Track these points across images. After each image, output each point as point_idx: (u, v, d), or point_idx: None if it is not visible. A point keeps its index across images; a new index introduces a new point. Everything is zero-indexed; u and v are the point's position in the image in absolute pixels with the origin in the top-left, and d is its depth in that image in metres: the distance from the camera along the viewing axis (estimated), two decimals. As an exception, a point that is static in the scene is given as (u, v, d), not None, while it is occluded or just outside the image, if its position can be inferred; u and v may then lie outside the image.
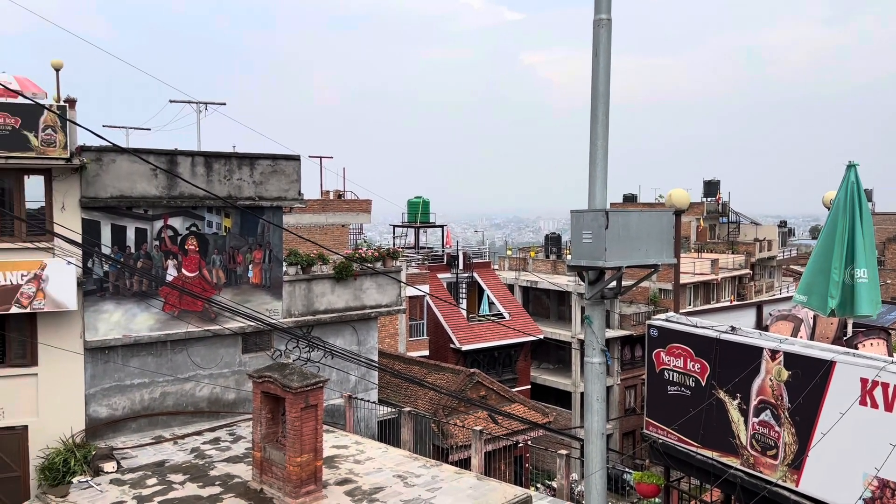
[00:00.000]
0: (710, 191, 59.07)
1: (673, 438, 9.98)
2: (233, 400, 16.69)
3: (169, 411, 15.90)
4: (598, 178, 8.35)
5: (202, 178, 15.84)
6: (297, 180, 17.18)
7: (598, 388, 8.52)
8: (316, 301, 17.76)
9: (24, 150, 13.40)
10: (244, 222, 16.57)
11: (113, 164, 14.87)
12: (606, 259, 7.90)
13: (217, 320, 16.13)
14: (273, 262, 16.98)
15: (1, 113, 13.18)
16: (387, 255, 19.52)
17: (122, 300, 15.14)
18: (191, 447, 14.70)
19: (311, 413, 11.80)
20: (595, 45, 8.28)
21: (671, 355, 9.99)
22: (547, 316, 44.62)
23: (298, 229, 27.97)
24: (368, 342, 18.96)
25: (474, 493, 12.32)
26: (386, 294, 19.06)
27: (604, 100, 8.30)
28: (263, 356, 16.91)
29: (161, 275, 15.52)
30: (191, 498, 12.09)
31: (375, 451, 14.64)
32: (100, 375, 15.07)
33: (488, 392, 23.39)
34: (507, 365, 36.70)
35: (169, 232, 15.65)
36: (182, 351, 15.97)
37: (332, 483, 12.65)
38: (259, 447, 12.39)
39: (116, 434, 15.23)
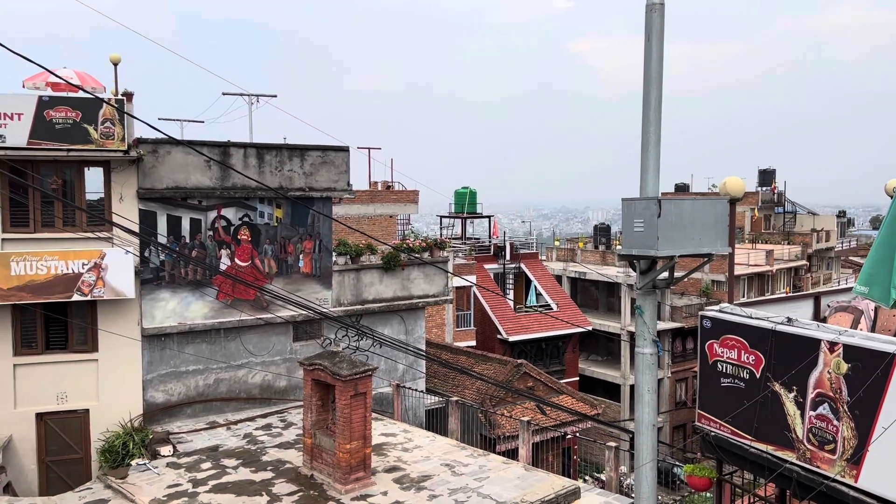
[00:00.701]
0: (765, 180, 57.55)
1: (726, 431, 9.78)
2: (284, 387, 16.99)
3: (222, 397, 16.28)
4: (650, 167, 8.20)
5: (254, 170, 16.11)
6: (346, 171, 17.34)
7: (648, 379, 8.39)
8: (364, 290, 17.93)
9: (84, 143, 13.82)
10: (295, 213, 16.81)
11: (168, 155, 15.23)
12: (658, 248, 7.75)
13: (269, 309, 16.42)
14: (323, 252, 17.20)
15: (63, 107, 13.62)
16: (434, 246, 19.58)
17: (177, 289, 15.54)
18: (244, 433, 15.03)
19: (361, 401, 11.93)
20: (648, 30, 8.12)
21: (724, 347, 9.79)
22: (596, 307, 44.18)
23: (347, 220, 28.24)
24: (416, 332, 19.07)
25: (522, 483, 12.31)
26: (433, 284, 19.13)
27: (656, 86, 8.14)
28: (313, 344, 17.16)
29: (215, 264, 15.87)
30: (243, 482, 12.37)
31: (423, 439, 14.73)
32: (156, 362, 15.51)
33: (536, 383, 23.31)
34: (554, 356, 36.49)
35: (222, 222, 15.98)
36: (235, 338, 16.32)
37: (380, 470, 12.79)
38: (309, 434, 12.60)
39: (172, 419, 15.66)
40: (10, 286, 13.60)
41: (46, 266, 13.81)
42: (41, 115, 13.47)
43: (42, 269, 13.78)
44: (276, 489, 12.05)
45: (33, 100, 13.50)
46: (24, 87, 14.65)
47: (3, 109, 13.24)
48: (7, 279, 13.55)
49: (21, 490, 14.16)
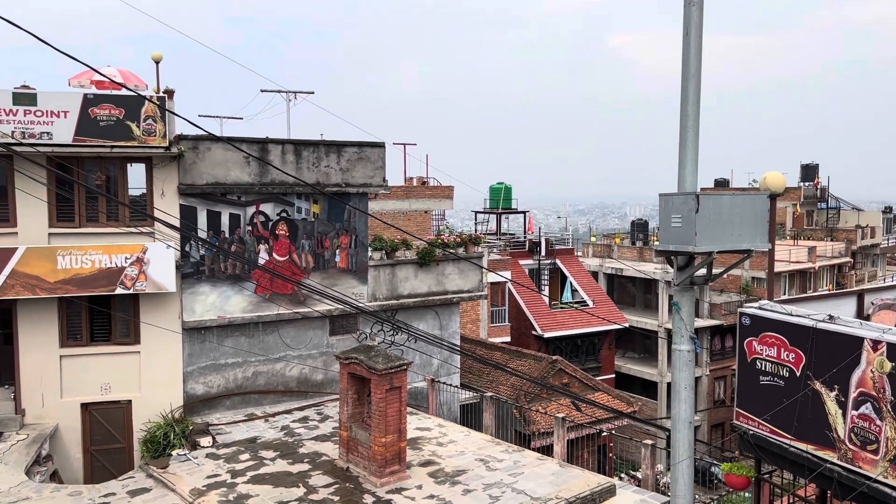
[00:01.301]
0: (807, 175, 56.29)
1: (765, 430, 9.65)
2: (320, 380, 17.19)
3: (260, 390, 16.54)
4: (689, 161, 8.12)
5: (292, 166, 16.30)
6: (381, 167, 17.45)
7: (686, 376, 8.31)
8: (400, 285, 18.04)
9: (127, 140, 14.14)
10: (331, 208, 16.97)
11: (208, 152, 15.50)
12: (696, 244, 7.68)
13: (306, 303, 16.62)
14: (359, 247, 17.35)
15: (107, 105, 13.94)
16: (469, 241, 19.60)
17: (217, 283, 15.82)
18: (281, 425, 15.25)
19: (396, 395, 12.02)
20: (686, 23, 8.03)
21: (764, 344, 9.65)
22: (632, 304, 43.73)
23: (383, 215, 28.43)
24: (451, 327, 19.13)
25: (556, 479, 12.28)
26: (468, 280, 19.16)
27: (695, 80, 8.05)
28: (350, 338, 17.33)
29: (253, 259, 16.12)
30: (281, 474, 12.56)
31: (458, 434, 14.79)
32: (196, 354, 15.81)
33: (571, 380, 23.20)
34: (590, 353, 36.24)
35: (261, 217, 16.21)
36: (273, 332, 16.56)
37: (415, 464, 12.88)
38: (346, 427, 12.73)
39: (212, 410, 15.96)
40: (57, 279, 13.99)
41: (91, 260, 14.17)
42: (86, 112, 13.81)
43: (87, 263, 14.15)
44: (313, 481, 12.21)
45: (79, 98, 13.85)
46: (70, 86, 15.04)
47: (50, 107, 13.61)
48: (54, 272, 13.95)
49: (67, 478, 14.58)
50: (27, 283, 13.82)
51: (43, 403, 14.74)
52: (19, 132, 13.44)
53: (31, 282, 13.84)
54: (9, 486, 11.97)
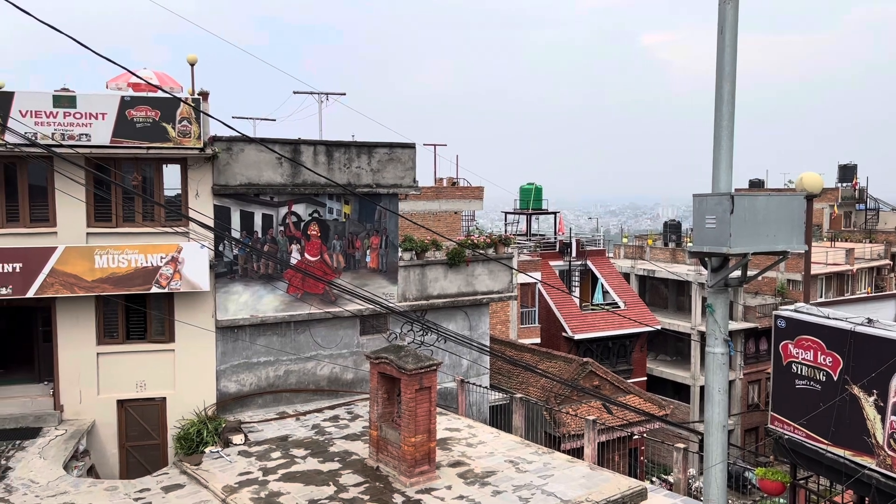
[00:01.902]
0: (845, 176, 55.16)
1: (800, 434, 9.48)
2: (351, 379, 17.30)
3: (292, 388, 16.69)
4: (723, 162, 8.01)
5: (323, 167, 16.43)
6: (412, 168, 17.50)
7: (719, 379, 8.20)
8: (429, 286, 18.07)
9: (162, 141, 14.37)
10: (362, 209, 17.07)
11: (242, 153, 15.69)
12: (731, 245, 7.58)
13: (337, 303, 16.74)
14: (389, 248, 17.42)
15: (143, 106, 14.19)
16: (498, 242, 19.57)
17: (249, 282, 16.00)
18: (312, 423, 15.38)
19: (425, 395, 12.04)
20: (721, 22, 7.93)
21: (800, 348, 9.48)
22: (665, 306, 43.26)
23: (413, 216, 28.51)
24: (480, 327, 19.11)
25: (587, 482, 12.20)
26: (497, 280, 19.12)
27: (730, 80, 7.95)
28: (380, 338, 17.41)
29: (285, 258, 16.28)
30: (311, 472, 12.66)
31: (487, 435, 14.76)
32: (229, 353, 16.02)
33: (602, 382, 23.02)
34: (621, 355, 35.93)
35: (293, 218, 16.36)
36: (304, 331, 16.70)
37: (444, 464, 12.89)
38: (375, 426, 12.79)
39: (244, 409, 16.15)
40: (94, 278, 14.28)
41: (127, 259, 14.43)
42: (123, 114, 14.07)
43: (123, 262, 14.41)
44: (343, 480, 12.29)
45: (116, 100, 14.11)
46: (108, 88, 15.34)
47: (88, 109, 13.89)
48: (91, 271, 14.23)
49: (103, 473, 14.86)
50: (66, 281, 14.12)
51: (80, 400, 15.05)
52: (59, 134, 13.75)
53: (70, 280, 14.15)
54: (48, 481, 12.24)
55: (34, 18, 8.43)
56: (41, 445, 13.64)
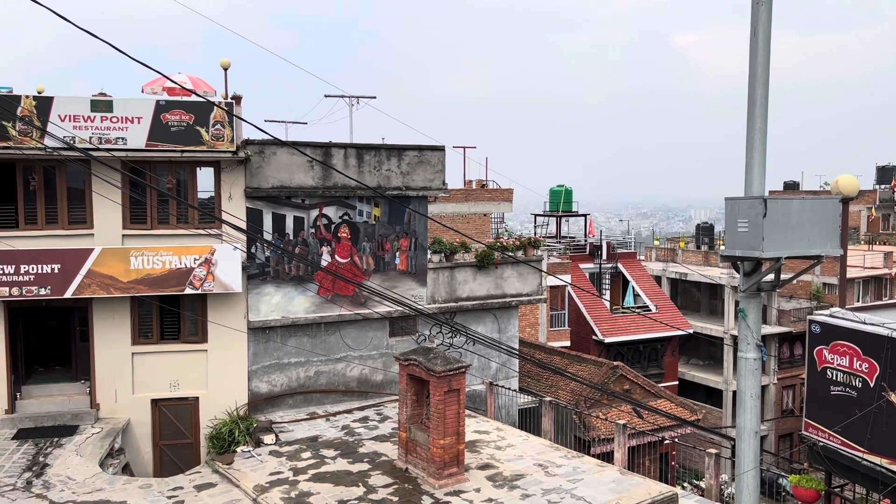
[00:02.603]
0: (883, 177, 53.99)
1: (835, 441, 9.31)
2: (380, 381, 17.39)
3: (322, 389, 16.83)
4: (756, 164, 7.92)
5: (354, 169, 16.55)
6: (441, 170, 17.55)
7: (752, 385, 8.10)
8: (458, 288, 18.09)
9: (196, 145, 14.61)
10: (392, 211, 17.16)
11: (274, 156, 15.87)
12: (764, 249, 7.48)
13: (367, 304, 16.84)
14: (418, 250, 17.48)
15: (177, 110, 14.43)
16: (528, 244, 19.52)
17: (281, 284, 16.18)
18: (342, 424, 15.49)
19: (454, 397, 12.06)
20: (754, 23, 7.84)
21: (835, 353, 9.31)
22: (697, 310, 42.74)
23: (442, 218, 28.56)
24: (509, 330, 19.08)
25: (617, 486, 12.11)
26: (526, 283, 19.08)
27: (762, 81, 7.85)
28: (409, 340, 17.47)
29: (316, 261, 16.42)
30: (341, 473, 12.75)
31: (516, 438, 14.73)
32: (261, 353, 16.20)
33: (632, 386, 22.83)
34: (652, 359, 35.58)
35: (324, 220, 16.51)
36: (335, 333, 16.83)
37: (473, 467, 12.89)
38: (404, 428, 12.84)
39: (275, 409, 16.32)
40: (130, 279, 14.55)
41: (162, 261, 14.69)
42: (158, 118, 14.33)
43: (158, 264, 14.67)
44: (372, 481, 12.35)
45: (151, 104, 14.38)
46: (143, 92, 15.64)
47: (124, 113, 14.18)
48: (127, 273, 14.51)
49: (137, 471, 15.13)
50: (102, 282, 14.42)
51: (116, 398, 15.34)
52: (96, 138, 14.05)
53: (106, 281, 14.44)
54: (84, 478, 12.50)
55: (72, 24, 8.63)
56: (78, 443, 13.93)
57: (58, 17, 8.32)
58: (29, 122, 13.64)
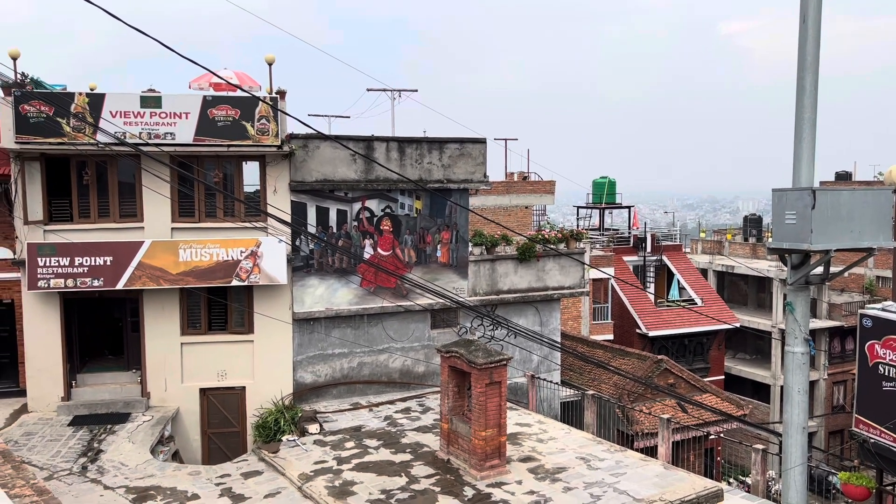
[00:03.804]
0: (942, 167, 52.01)
1: (888, 439, 9.08)
2: (422, 372, 17.51)
3: (365, 380, 17.02)
4: (805, 155, 7.74)
5: (396, 163, 16.65)
6: (482, 163, 17.53)
7: (799, 380, 7.94)
8: (499, 281, 18.08)
9: (242, 139, 14.87)
10: (433, 204, 17.22)
11: (317, 150, 16.06)
12: (812, 241, 7.32)
13: (408, 297, 16.96)
14: (459, 243, 17.52)
15: (224, 106, 14.71)
16: (570, 237, 19.39)
17: (325, 276, 16.39)
18: (384, 415, 15.65)
19: (496, 389, 12.08)
20: (803, 10, 7.65)
21: (888, 348, 9.06)
22: (744, 303, 41.94)
23: (483, 211, 28.55)
24: (551, 323, 19.00)
25: (660, 481, 12.00)
26: (569, 276, 18.96)
27: (812, 70, 7.66)
28: (450, 332, 17.54)
29: (359, 253, 16.59)
30: (384, 463, 12.89)
31: (558, 431, 14.69)
32: (306, 344, 16.46)
33: (677, 380, 22.53)
34: (698, 353, 35.05)
35: (366, 213, 16.66)
36: (377, 324, 17.00)
37: (515, 459, 12.90)
38: (446, 419, 12.91)
39: (319, 399, 16.57)
40: (179, 271, 14.91)
41: (209, 253, 15.02)
42: (205, 113, 14.62)
43: (205, 256, 15.00)
44: (415, 471, 12.47)
45: (198, 100, 14.68)
46: (190, 88, 15.96)
47: (173, 109, 14.50)
48: (176, 265, 14.88)
49: (186, 458, 15.53)
50: (152, 274, 14.81)
51: (166, 387, 15.76)
52: (146, 133, 14.40)
53: (156, 273, 14.82)
54: (136, 464, 12.89)
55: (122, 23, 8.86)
56: (130, 430, 14.37)
57: (110, 16, 8.55)
58: (82, 118, 14.05)
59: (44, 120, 13.93)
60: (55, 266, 14.43)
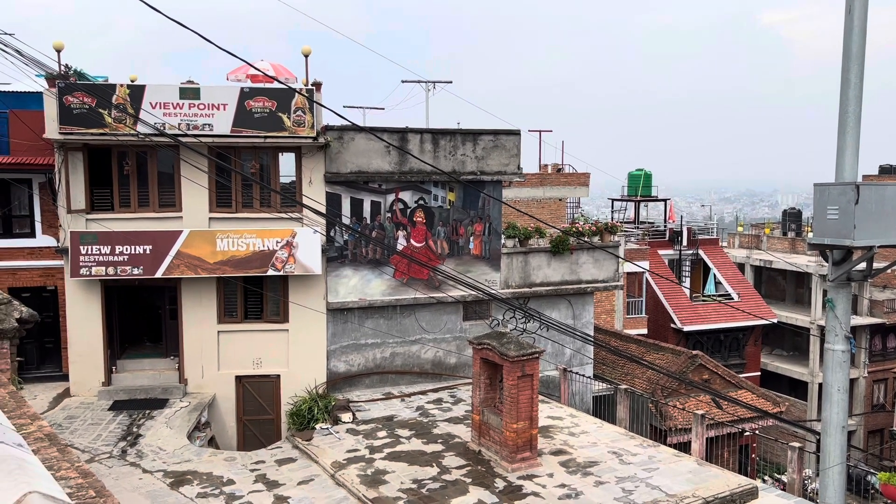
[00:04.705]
0: None
1: (931, 441, 8.85)
2: (454, 364, 17.55)
3: (397, 370, 17.13)
4: (848, 149, 7.56)
5: (429, 154, 16.67)
6: (516, 155, 17.46)
7: (839, 378, 7.79)
8: (532, 273, 18.02)
9: (279, 130, 15.01)
10: (466, 196, 17.21)
11: (352, 142, 16.15)
12: (855, 237, 7.16)
13: (441, 288, 17.00)
14: (492, 235, 17.49)
15: (261, 97, 14.85)
16: (604, 230, 19.22)
17: (358, 266, 16.51)
18: (416, 405, 15.74)
19: (528, 382, 12.07)
20: (849, 1, 7.46)
21: (932, 347, 8.83)
22: (782, 299, 41.18)
23: (516, 203, 28.43)
24: (584, 316, 18.89)
25: (694, 477, 11.89)
26: (602, 269, 18.82)
27: (857, 61, 7.47)
28: (482, 324, 17.55)
29: (392, 244, 16.67)
30: (415, 453, 12.98)
31: (590, 425, 14.63)
32: (339, 334, 16.61)
33: (712, 376, 22.24)
34: (733, 349, 34.56)
35: (400, 205, 16.72)
36: (410, 315, 17.08)
37: (546, 452, 12.89)
38: (478, 411, 12.94)
39: (352, 388, 16.72)
40: (216, 260, 15.14)
41: (246, 243, 15.22)
42: (242, 105, 14.79)
43: (242, 246, 15.21)
44: (446, 462, 12.53)
45: (236, 91, 14.85)
46: (228, 80, 16.14)
47: (211, 100, 14.69)
48: (213, 254, 15.11)
49: (222, 444, 15.81)
50: (190, 263, 15.06)
51: (203, 374, 16.05)
52: (185, 124, 14.62)
53: (194, 262, 15.07)
54: (173, 448, 13.16)
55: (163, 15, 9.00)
56: (168, 416, 14.67)
57: (151, 9, 8.69)
58: (123, 109, 14.31)
59: (86, 111, 14.22)
60: (96, 254, 14.76)
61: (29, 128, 15.28)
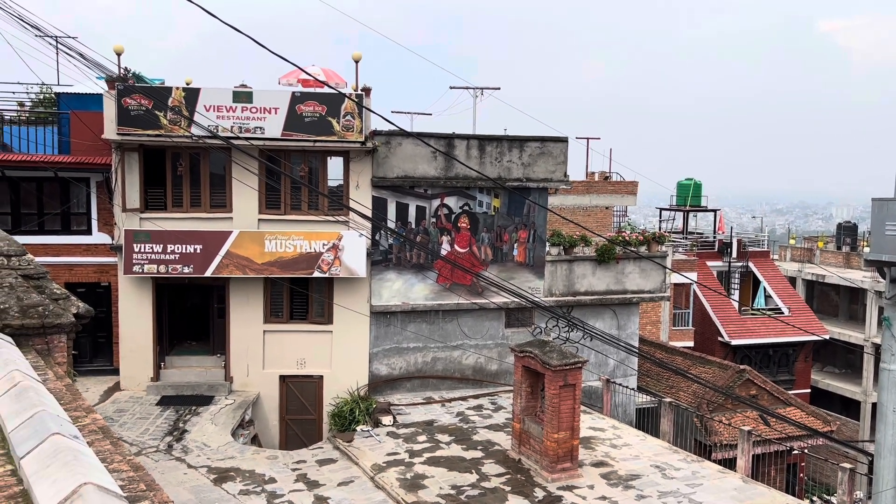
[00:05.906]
0: None
1: None
2: (495, 370, 17.50)
3: (438, 375, 17.16)
4: (908, 161, 7.33)
5: (475, 160, 16.68)
6: (563, 162, 17.35)
7: (894, 398, 7.54)
8: (576, 282, 17.87)
9: (328, 135, 15.21)
10: (511, 202, 17.17)
11: (399, 147, 16.26)
12: (914, 254, 6.92)
13: (484, 294, 16.97)
14: (537, 242, 17.40)
15: (311, 102, 15.08)
16: (652, 240, 18.96)
17: (402, 271, 16.60)
18: (456, 411, 15.73)
19: (570, 392, 11.97)
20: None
21: None
22: (835, 314, 40.01)
23: (562, 210, 28.24)
24: (629, 327, 18.65)
25: (739, 495, 11.62)
26: (649, 279, 18.56)
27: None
28: (524, 332, 17.46)
29: (436, 249, 16.72)
30: (455, 458, 12.97)
31: (633, 437, 14.43)
32: (382, 337, 16.71)
33: (760, 392, 21.73)
34: (783, 365, 33.69)
35: (444, 210, 16.77)
36: (452, 320, 17.10)
37: (587, 463, 12.75)
38: (518, 419, 12.88)
39: (393, 391, 16.80)
40: (264, 261, 15.40)
41: (293, 245, 15.44)
42: (293, 109, 15.02)
43: (289, 248, 15.44)
44: (485, 469, 12.49)
45: (287, 95, 15.09)
46: (279, 84, 16.42)
47: (263, 104, 14.97)
48: (261, 255, 15.37)
49: (265, 442, 16.04)
50: (239, 263, 15.34)
51: (248, 373, 16.32)
52: (237, 127, 14.92)
53: (243, 262, 15.35)
54: (218, 445, 13.41)
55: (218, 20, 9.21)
56: (213, 412, 14.95)
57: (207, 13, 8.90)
58: (178, 111, 14.68)
59: (143, 112, 14.62)
60: (149, 252, 15.15)
61: (89, 128, 15.78)
